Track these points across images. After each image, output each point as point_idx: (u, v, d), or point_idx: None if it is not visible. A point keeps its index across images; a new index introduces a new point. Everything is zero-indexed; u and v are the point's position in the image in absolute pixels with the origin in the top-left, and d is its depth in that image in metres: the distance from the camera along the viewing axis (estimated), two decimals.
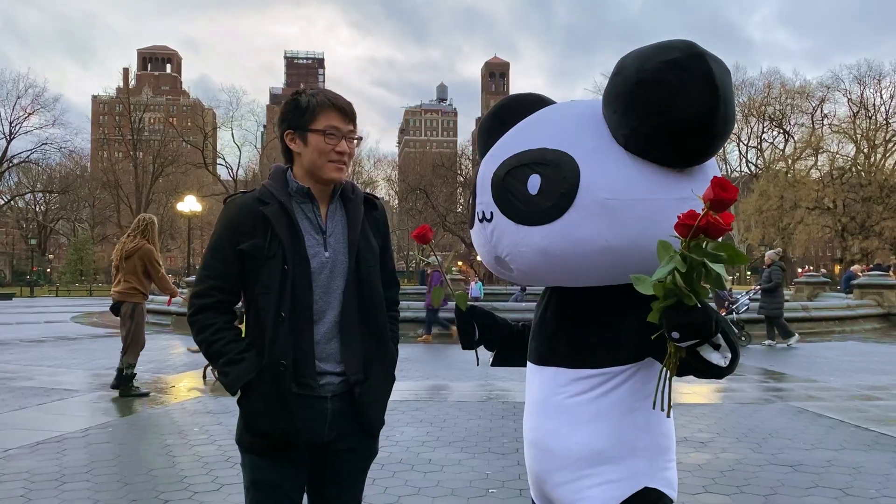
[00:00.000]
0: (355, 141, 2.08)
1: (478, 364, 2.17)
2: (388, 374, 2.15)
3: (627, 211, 1.60)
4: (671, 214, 1.51)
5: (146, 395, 7.73)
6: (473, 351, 2.14)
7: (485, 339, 2.10)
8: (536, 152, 1.69)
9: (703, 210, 1.35)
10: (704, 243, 1.37)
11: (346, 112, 2.03)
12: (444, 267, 2.11)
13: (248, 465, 2.02)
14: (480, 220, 1.80)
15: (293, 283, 1.94)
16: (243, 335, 2.03)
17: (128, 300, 7.69)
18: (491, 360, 2.13)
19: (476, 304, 2.64)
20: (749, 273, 64.52)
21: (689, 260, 1.37)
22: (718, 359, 1.53)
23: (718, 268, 1.37)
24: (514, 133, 1.84)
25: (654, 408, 1.65)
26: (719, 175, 1.50)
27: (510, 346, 2.09)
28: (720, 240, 1.39)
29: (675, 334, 1.43)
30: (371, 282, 2.07)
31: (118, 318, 7.89)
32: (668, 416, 1.63)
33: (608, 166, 1.62)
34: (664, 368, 1.56)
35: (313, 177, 2.03)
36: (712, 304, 1.48)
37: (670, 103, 1.52)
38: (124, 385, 7.67)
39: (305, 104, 2.00)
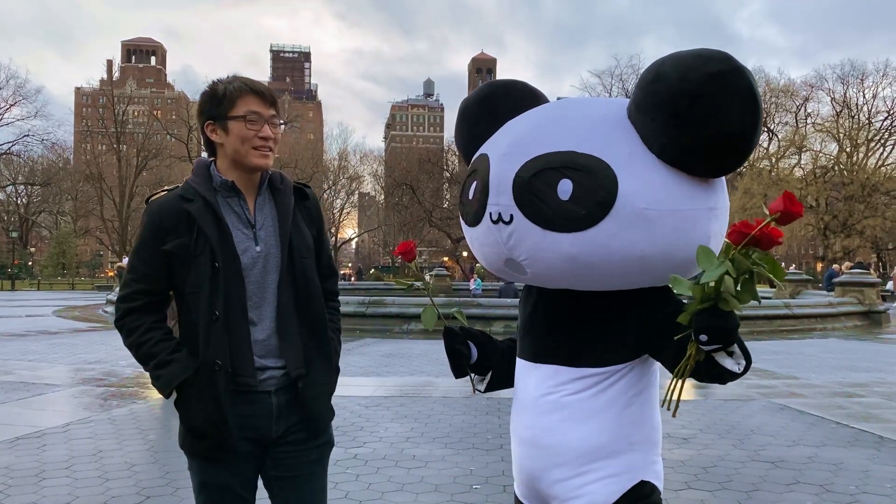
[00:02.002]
0: (279, 126, 2.01)
1: (474, 392, 2.07)
2: (331, 366, 2.09)
3: (663, 221, 1.59)
4: (702, 224, 1.63)
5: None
6: (468, 377, 2.04)
7: (481, 363, 2.01)
8: (567, 155, 1.62)
9: (767, 219, 1.38)
10: (752, 253, 1.40)
11: (265, 96, 1.96)
12: (430, 288, 2.04)
13: (195, 468, 1.98)
14: (495, 222, 1.72)
15: (225, 280, 1.89)
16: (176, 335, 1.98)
17: None
18: (485, 384, 2.03)
19: (478, 307, 2.57)
20: None
21: (741, 265, 1.39)
22: (732, 365, 1.54)
23: (775, 278, 1.40)
24: (531, 130, 1.76)
25: (662, 406, 1.67)
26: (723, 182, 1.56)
27: (502, 367, 2.01)
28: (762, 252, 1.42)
29: (704, 337, 1.44)
30: (306, 274, 2.02)
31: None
32: (674, 416, 1.64)
33: (644, 175, 1.59)
34: (679, 369, 1.57)
35: (238, 166, 1.97)
36: None
37: (715, 118, 1.52)
38: None
39: (222, 92, 1.94)
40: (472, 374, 2.05)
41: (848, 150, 52.04)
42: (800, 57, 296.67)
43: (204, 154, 2.13)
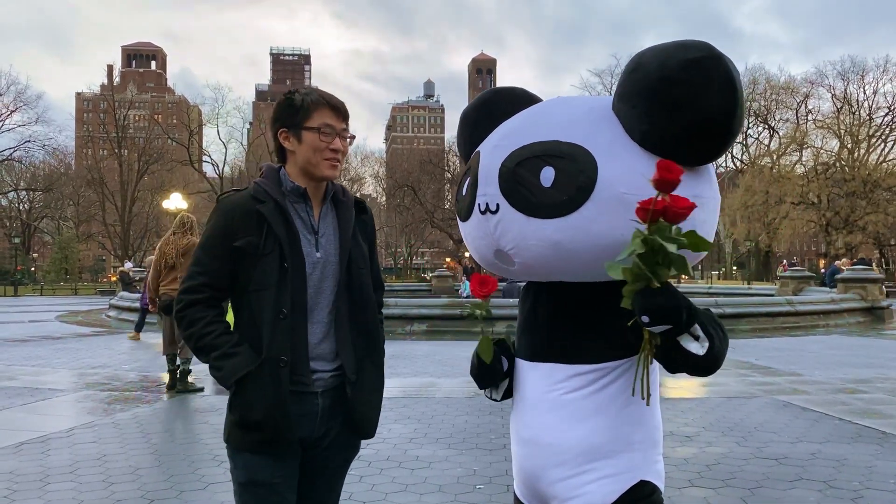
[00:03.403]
0: (348, 139, 2.09)
1: (491, 399, 2.04)
2: (380, 373, 2.17)
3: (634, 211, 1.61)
4: None
5: (201, 389, 7.85)
6: (488, 389, 2.00)
7: (505, 374, 1.96)
8: (550, 144, 1.68)
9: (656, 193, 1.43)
10: (669, 230, 1.43)
11: (339, 110, 2.05)
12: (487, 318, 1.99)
13: (241, 464, 1.99)
14: (483, 212, 1.77)
15: (291, 281, 1.95)
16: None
17: None
18: (501, 393, 1.99)
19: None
20: (735, 268, 64.96)
21: (650, 242, 1.42)
22: (697, 348, 1.56)
23: (674, 250, 1.42)
24: (519, 124, 1.82)
25: (633, 395, 1.68)
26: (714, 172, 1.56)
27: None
28: (680, 226, 1.46)
29: (645, 318, 1.48)
30: (362, 283, 2.10)
31: (168, 316, 7.90)
32: (648, 405, 1.65)
33: (625, 161, 1.63)
34: (640, 355, 1.59)
35: (307, 174, 2.04)
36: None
37: (692, 102, 1.55)
38: (181, 381, 7.83)
39: (300, 102, 2.02)
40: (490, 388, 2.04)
41: (849, 146, 52.00)
42: (802, 52, 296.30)
43: (207, 156, 2.16)
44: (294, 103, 2.03)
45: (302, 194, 2.04)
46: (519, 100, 2.02)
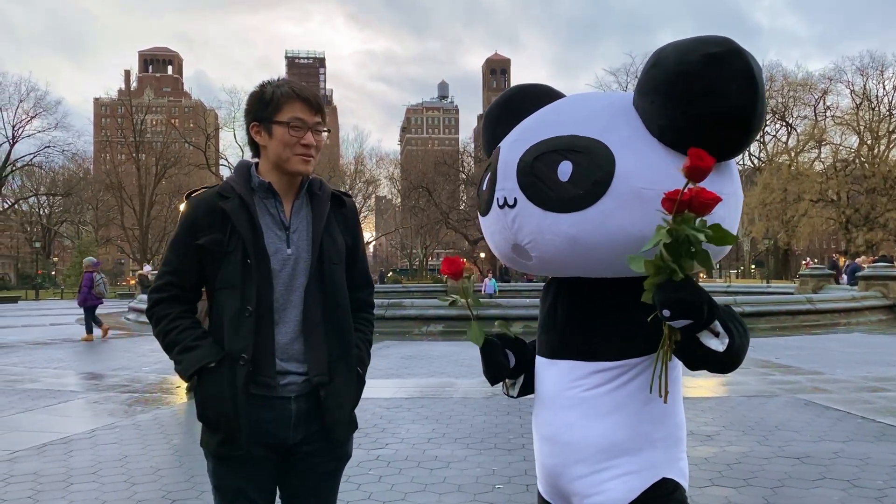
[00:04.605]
0: (323, 133, 2.03)
1: (508, 395, 2.05)
2: (355, 375, 2.05)
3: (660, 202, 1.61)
4: None
5: None
6: (502, 384, 2.02)
7: (516, 369, 1.99)
8: (567, 139, 1.67)
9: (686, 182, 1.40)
10: (693, 221, 1.41)
11: (311, 103, 1.98)
12: (473, 305, 2.00)
13: (212, 468, 1.98)
14: (501, 206, 1.77)
15: (255, 278, 1.91)
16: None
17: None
18: (517, 389, 2.01)
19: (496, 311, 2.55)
20: (753, 267, 64.41)
21: (675, 233, 1.41)
22: (717, 344, 1.54)
23: (702, 238, 1.40)
24: (539, 119, 1.82)
25: (650, 392, 1.66)
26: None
27: (533, 370, 1.98)
28: (705, 218, 1.43)
29: (666, 312, 1.46)
30: (334, 279, 2.01)
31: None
32: (665, 402, 1.64)
33: (643, 156, 1.62)
34: (660, 351, 1.58)
35: (279, 169, 1.99)
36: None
37: (711, 97, 1.54)
38: None
39: (270, 95, 1.96)
40: (505, 380, 2.03)
41: (869, 142, 51.42)
42: (821, 46, 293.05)
43: (224, 160, 2.16)
44: (265, 96, 1.97)
45: (268, 189, 1.99)
46: (542, 96, 2.01)
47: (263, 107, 1.97)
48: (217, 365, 1.89)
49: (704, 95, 1.54)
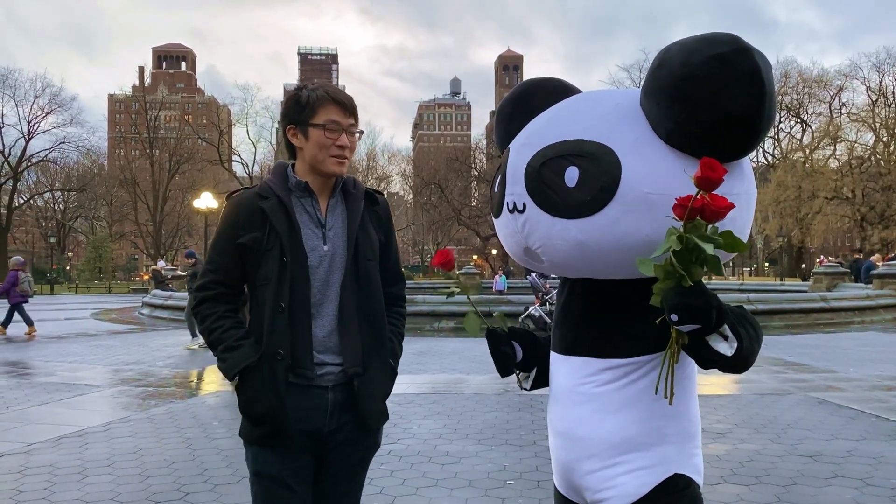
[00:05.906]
0: (357, 135, 2.10)
1: (522, 388, 2.06)
2: (388, 367, 2.14)
3: (668, 206, 1.57)
4: None
5: None
6: (515, 375, 2.04)
7: (526, 362, 2.00)
8: (574, 143, 1.65)
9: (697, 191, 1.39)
10: (704, 228, 1.40)
11: (345, 106, 2.05)
12: (470, 296, 2.02)
13: (251, 457, 2.05)
14: (511, 211, 1.77)
15: (292, 274, 1.98)
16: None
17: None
18: (531, 382, 2.02)
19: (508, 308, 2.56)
20: (766, 265, 64.02)
21: (685, 240, 1.40)
22: (726, 348, 1.54)
23: (710, 250, 1.39)
24: (547, 121, 1.81)
25: (655, 393, 1.66)
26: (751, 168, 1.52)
27: (547, 363, 1.99)
28: (716, 225, 1.43)
29: (674, 316, 1.46)
30: (369, 275, 2.09)
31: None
32: (671, 404, 1.64)
33: (650, 160, 1.60)
34: (666, 353, 1.58)
35: (315, 171, 2.07)
36: (554, 293, 1.51)
37: (717, 99, 1.51)
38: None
39: (306, 99, 2.04)
40: (518, 373, 2.05)
41: (885, 139, 50.91)
42: (838, 41, 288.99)
43: (237, 156, 2.19)
44: (300, 100, 2.05)
45: (305, 189, 2.06)
46: (555, 91, 1.99)
47: (300, 110, 2.05)
48: (258, 362, 1.97)
49: (710, 99, 1.51)
